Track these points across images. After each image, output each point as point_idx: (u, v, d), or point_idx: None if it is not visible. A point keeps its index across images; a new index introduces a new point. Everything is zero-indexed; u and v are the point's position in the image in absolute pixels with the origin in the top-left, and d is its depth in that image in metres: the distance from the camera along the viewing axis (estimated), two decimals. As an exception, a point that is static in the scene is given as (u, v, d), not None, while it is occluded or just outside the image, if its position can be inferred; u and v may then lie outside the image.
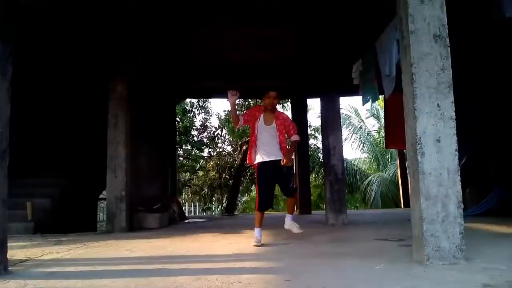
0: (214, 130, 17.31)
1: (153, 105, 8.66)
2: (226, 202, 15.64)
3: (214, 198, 17.98)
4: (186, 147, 17.35)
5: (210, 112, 17.55)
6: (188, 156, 17.86)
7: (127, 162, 6.73)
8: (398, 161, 13.44)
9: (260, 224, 4.46)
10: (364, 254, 3.57)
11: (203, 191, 17.42)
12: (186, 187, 18.72)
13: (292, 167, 4.86)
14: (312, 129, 17.34)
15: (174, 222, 8.34)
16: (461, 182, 3.01)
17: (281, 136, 4.49)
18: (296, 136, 4.57)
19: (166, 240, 5.24)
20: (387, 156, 18.24)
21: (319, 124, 10.89)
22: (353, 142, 18.76)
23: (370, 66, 5.77)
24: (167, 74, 8.39)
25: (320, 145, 16.25)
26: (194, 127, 17.05)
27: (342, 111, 15.46)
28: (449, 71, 3.09)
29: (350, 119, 19.05)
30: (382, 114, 15.15)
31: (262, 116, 4.52)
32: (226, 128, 16.97)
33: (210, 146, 17.51)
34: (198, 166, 18.43)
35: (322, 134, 7.17)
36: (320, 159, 16.14)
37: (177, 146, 13.70)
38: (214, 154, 17.40)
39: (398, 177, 13.60)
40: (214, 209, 19.39)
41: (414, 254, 3.14)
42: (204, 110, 17.26)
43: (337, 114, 6.87)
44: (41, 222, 6.75)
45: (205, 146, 17.51)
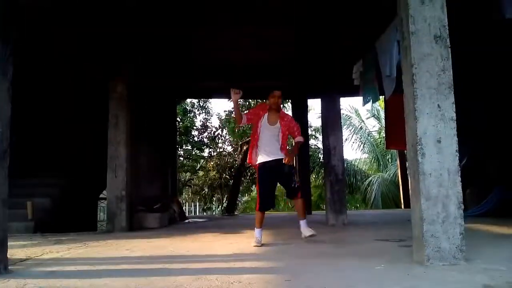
0: (214, 130, 17.36)
1: (153, 105, 8.67)
2: (226, 202, 15.66)
3: (215, 198, 17.99)
4: (187, 147, 17.37)
5: (211, 112, 17.63)
6: (188, 156, 17.87)
7: (128, 162, 6.75)
8: (398, 161, 13.44)
9: (260, 224, 4.45)
10: (364, 255, 3.57)
11: (204, 191, 17.43)
12: (187, 187, 18.73)
13: (293, 166, 4.84)
14: (312, 129, 17.37)
15: (174, 222, 8.35)
16: (461, 183, 3.01)
17: (283, 139, 4.48)
18: (300, 137, 4.56)
19: (166, 240, 5.24)
20: (388, 156, 18.23)
21: (320, 124, 10.93)
22: (353, 142, 18.80)
23: (370, 67, 5.77)
24: (167, 74, 8.39)
25: (320, 145, 16.24)
26: (195, 127, 17.07)
27: (342, 112, 15.52)
28: (449, 72, 3.09)
29: (351, 120, 19.05)
30: (382, 114, 15.14)
31: (266, 115, 4.51)
32: (226, 128, 16.99)
33: (211, 146, 17.52)
34: (199, 166, 18.44)
35: (322, 135, 7.17)
36: (320, 160, 16.13)
37: (177, 146, 13.72)
38: (215, 154, 17.42)
39: (398, 177, 13.60)
40: (214, 209, 19.40)
41: (414, 255, 3.14)
42: (204, 110, 17.31)
43: (337, 114, 6.86)
44: (41, 222, 6.77)
45: (205, 146, 17.52)
